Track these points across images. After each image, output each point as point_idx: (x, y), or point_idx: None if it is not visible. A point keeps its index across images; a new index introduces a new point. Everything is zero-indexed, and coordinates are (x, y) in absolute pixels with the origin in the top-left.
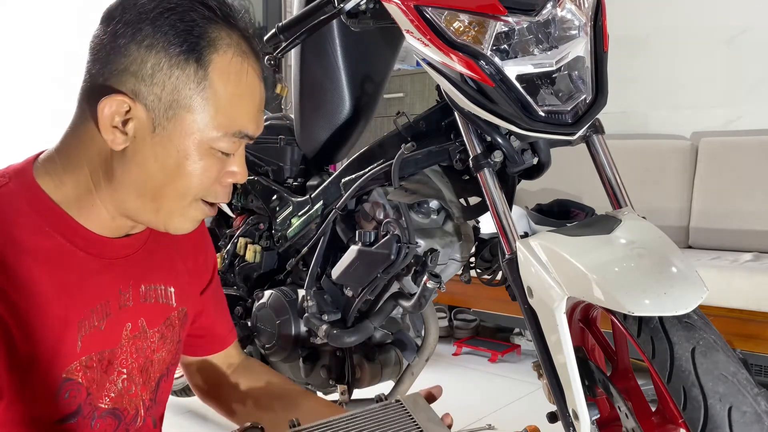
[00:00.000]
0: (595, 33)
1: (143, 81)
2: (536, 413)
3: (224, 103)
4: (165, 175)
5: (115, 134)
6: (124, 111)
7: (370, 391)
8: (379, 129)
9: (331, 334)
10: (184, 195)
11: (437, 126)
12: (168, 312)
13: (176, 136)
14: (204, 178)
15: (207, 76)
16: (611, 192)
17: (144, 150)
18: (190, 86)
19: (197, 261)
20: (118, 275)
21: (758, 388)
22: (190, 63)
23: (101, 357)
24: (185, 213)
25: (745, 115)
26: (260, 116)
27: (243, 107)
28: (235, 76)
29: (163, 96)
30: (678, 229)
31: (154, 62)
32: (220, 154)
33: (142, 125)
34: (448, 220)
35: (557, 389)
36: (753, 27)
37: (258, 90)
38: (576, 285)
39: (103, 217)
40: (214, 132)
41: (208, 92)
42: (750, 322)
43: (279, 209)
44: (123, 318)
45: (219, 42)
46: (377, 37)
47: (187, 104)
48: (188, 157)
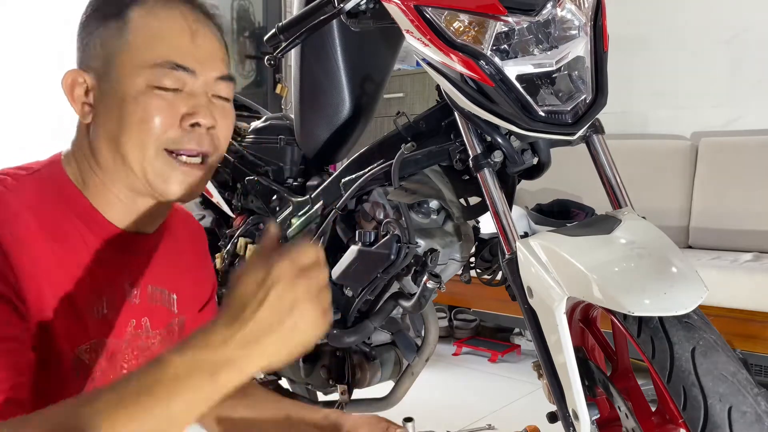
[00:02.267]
0: (595, 33)
1: (83, 51)
2: (536, 413)
3: (145, 41)
4: (115, 125)
5: (84, 108)
6: (82, 83)
7: (370, 391)
8: (379, 129)
9: (331, 334)
10: (141, 142)
11: (437, 126)
12: (170, 317)
13: (116, 85)
14: (152, 119)
15: (126, 23)
16: (611, 192)
17: (101, 111)
18: (113, 36)
19: (199, 276)
20: (128, 269)
21: (758, 388)
22: (110, 20)
23: (107, 346)
24: (155, 168)
25: (745, 115)
26: (199, 53)
27: (166, 39)
28: (154, 18)
29: (98, 54)
30: (678, 229)
31: (85, 33)
32: (166, 93)
33: (96, 89)
34: (448, 220)
35: (557, 389)
36: (753, 27)
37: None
38: (576, 285)
39: (114, 202)
40: (139, 69)
41: (129, 35)
42: (750, 322)
43: (279, 209)
44: (128, 313)
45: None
46: (377, 37)
47: (113, 53)
48: (129, 100)
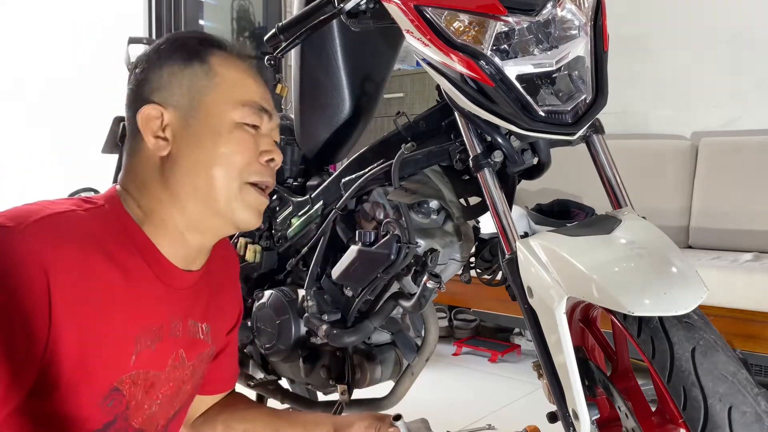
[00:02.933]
0: (595, 33)
1: (164, 89)
2: (536, 413)
3: (232, 83)
4: (209, 158)
5: (158, 142)
6: (158, 117)
7: (370, 391)
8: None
9: (331, 334)
10: (230, 173)
11: (437, 126)
12: (203, 348)
13: (206, 121)
14: (241, 152)
15: (211, 67)
16: (611, 192)
17: (186, 145)
18: (200, 77)
19: (230, 303)
20: (175, 305)
21: (758, 388)
22: (194, 63)
23: (147, 376)
24: (241, 199)
25: (745, 115)
26: (268, 96)
27: (249, 85)
28: (234, 65)
29: (183, 93)
30: (678, 229)
31: (167, 72)
32: (249, 128)
33: (177, 125)
34: (448, 220)
35: (557, 389)
36: (753, 27)
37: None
38: (576, 285)
39: (174, 235)
40: (233, 106)
41: (216, 78)
42: (750, 322)
43: (279, 209)
44: (171, 346)
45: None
46: (377, 37)
47: (203, 92)
48: (221, 134)
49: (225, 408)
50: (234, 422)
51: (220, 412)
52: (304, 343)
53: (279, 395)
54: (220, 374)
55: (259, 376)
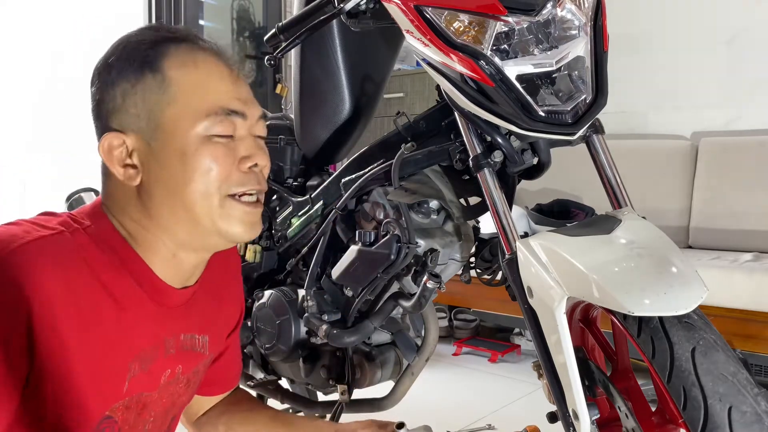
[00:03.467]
0: (595, 33)
1: (120, 111)
2: (536, 413)
3: (190, 92)
4: (180, 181)
5: (128, 171)
6: (121, 145)
7: (370, 391)
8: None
9: (331, 334)
10: (206, 192)
11: (437, 126)
12: (200, 359)
13: (169, 141)
14: (216, 168)
15: (164, 77)
16: (611, 192)
17: (154, 170)
18: (154, 92)
19: (230, 306)
20: (169, 324)
21: (758, 388)
22: (145, 74)
23: (139, 399)
24: (223, 215)
25: (745, 115)
26: (240, 91)
27: (212, 88)
28: (193, 67)
29: (140, 113)
30: (678, 229)
31: (120, 91)
32: (221, 140)
33: (141, 150)
34: (448, 220)
35: (557, 389)
36: (753, 27)
37: (222, 71)
38: (576, 285)
39: (164, 255)
40: (195, 121)
41: (171, 89)
42: (750, 322)
43: (279, 209)
44: (165, 364)
45: (166, 50)
46: (377, 37)
47: (159, 108)
48: (187, 153)
49: (228, 408)
50: (236, 424)
51: (223, 412)
52: (304, 343)
53: (279, 395)
54: (222, 375)
55: (259, 376)
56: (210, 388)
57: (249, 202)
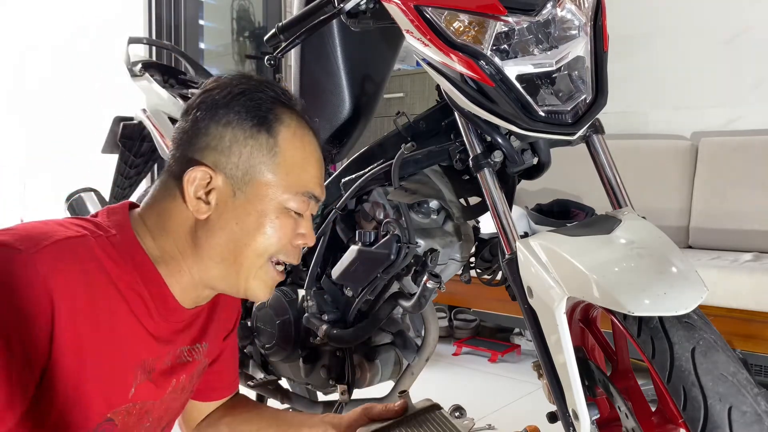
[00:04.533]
0: (595, 33)
1: (222, 153)
2: (536, 413)
3: (293, 167)
4: (246, 235)
5: (200, 204)
6: (207, 181)
7: (370, 391)
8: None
9: (331, 334)
10: (261, 253)
11: (437, 126)
12: (197, 366)
13: (254, 199)
14: (280, 237)
15: (277, 143)
16: (611, 192)
17: (226, 215)
18: (263, 153)
19: (227, 311)
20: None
21: (758, 388)
22: (261, 134)
23: (143, 406)
24: (260, 275)
25: (745, 115)
26: (321, 177)
27: (309, 171)
28: (300, 145)
29: (240, 164)
30: (678, 229)
31: (231, 136)
32: (293, 214)
33: (223, 193)
34: (448, 220)
35: (557, 389)
36: (753, 27)
37: (319, 158)
38: (576, 285)
39: (186, 283)
40: (286, 193)
41: (278, 158)
42: (750, 322)
43: None
44: (170, 375)
45: (283, 116)
46: (377, 37)
47: (261, 169)
48: (266, 216)
49: (228, 411)
50: (237, 425)
51: (224, 415)
52: (304, 343)
53: (279, 395)
54: (220, 381)
55: (259, 376)
56: (209, 393)
57: (279, 271)
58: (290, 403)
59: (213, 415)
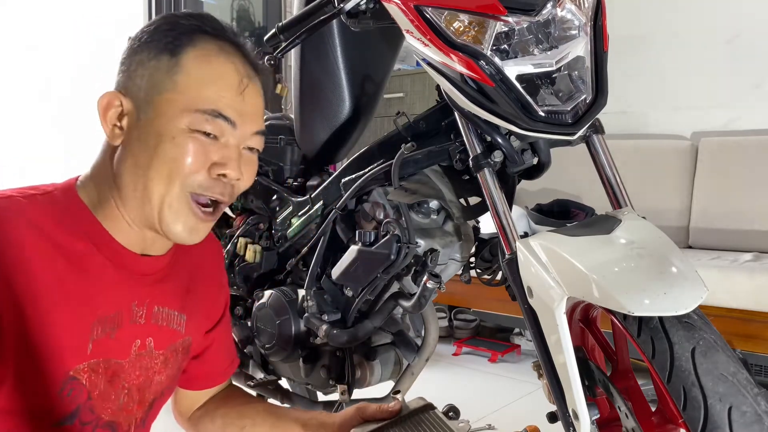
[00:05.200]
0: (595, 33)
1: (129, 77)
2: (536, 413)
3: (193, 83)
4: (147, 157)
5: (114, 131)
6: (118, 105)
7: (370, 391)
8: (379, 129)
9: (331, 334)
10: (168, 178)
11: (437, 126)
12: (176, 338)
13: (154, 119)
14: (185, 159)
15: (178, 63)
16: (611, 192)
17: (132, 140)
18: (162, 71)
19: (212, 294)
20: (134, 290)
21: (758, 388)
22: (164, 54)
23: (108, 365)
24: (173, 207)
25: (745, 115)
26: (244, 107)
27: (215, 88)
28: (207, 64)
29: (142, 85)
30: (678, 229)
31: (138, 60)
32: (203, 138)
33: (131, 117)
34: (448, 220)
35: (557, 389)
36: (753, 27)
37: (233, 80)
38: (576, 285)
39: (125, 227)
40: (183, 111)
41: (177, 76)
42: (750, 322)
43: (279, 209)
44: (133, 333)
45: (198, 41)
46: (377, 37)
47: (160, 87)
48: (165, 135)
49: (224, 402)
50: (233, 417)
51: (220, 406)
52: (304, 343)
53: (279, 395)
54: (212, 369)
55: (259, 376)
56: (200, 381)
57: (202, 208)
58: (290, 403)
59: (209, 405)
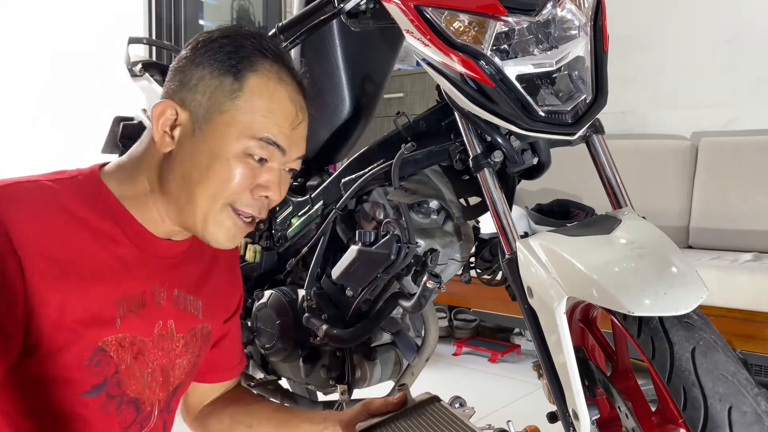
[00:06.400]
0: (595, 33)
1: (189, 90)
2: (536, 413)
3: (253, 110)
4: (198, 174)
5: (165, 138)
6: (174, 117)
7: (370, 392)
8: (379, 129)
9: (331, 334)
10: (214, 196)
11: (437, 126)
12: (195, 323)
13: (210, 138)
14: (234, 182)
15: (241, 87)
16: (611, 192)
17: (184, 152)
18: (224, 93)
19: (227, 289)
20: (156, 272)
21: (758, 388)
22: (227, 76)
23: (134, 341)
24: (217, 219)
25: (745, 115)
26: (294, 136)
27: (272, 119)
28: (267, 93)
29: (203, 102)
30: (678, 229)
31: (199, 75)
32: (253, 163)
33: (186, 129)
34: (448, 220)
35: (557, 389)
36: (753, 27)
37: (289, 111)
38: (576, 285)
39: (154, 217)
40: (242, 135)
41: (239, 100)
42: (750, 322)
43: (279, 209)
44: (156, 314)
45: (259, 67)
46: (377, 37)
47: (221, 109)
48: (219, 156)
49: (232, 401)
50: (241, 415)
51: (228, 405)
52: (304, 343)
53: (279, 395)
54: (223, 361)
55: (259, 376)
56: (209, 374)
57: (245, 221)
58: (290, 403)
59: (217, 403)
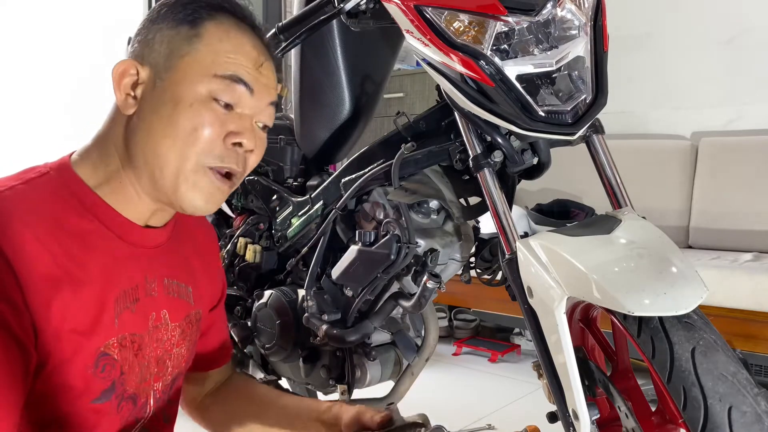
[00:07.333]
0: (595, 33)
1: (147, 45)
2: (536, 413)
3: (215, 51)
4: (162, 126)
5: (127, 99)
6: (133, 74)
7: (370, 391)
8: (379, 129)
9: (331, 334)
10: (183, 152)
11: (437, 126)
12: (188, 309)
13: (171, 85)
14: (201, 130)
15: (198, 33)
16: (611, 192)
17: (145, 108)
18: (181, 38)
19: (211, 272)
20: (145, 264)
21: (758, 388)
22: (183, 25)
23: (133, 338)
24: (191, 180)
25: (745, 115)
26: (260, 77)
27: (234, 59)
28: (227, 37)
29: (161, 50)
30: (678, 229)
31: (156, 29)
32: (219, 108)
33: (147, 86)
34: (448, 220)
35: (557, 389)
36: (753, 27)
37: (251, 52)
38: (576, 285)
39: (131, 197)
40: (204, 77)
41: (197, 43)
42: (750, 322)
43: (279, 209)
44: (148, 306)
45: (216, 15)
46: (377, 37)
47: (179, 53)
48: (181, 101)
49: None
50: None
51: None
52: (304, 343)
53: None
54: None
55: (259, 376)
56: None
57: (220, 174)
58: None
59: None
